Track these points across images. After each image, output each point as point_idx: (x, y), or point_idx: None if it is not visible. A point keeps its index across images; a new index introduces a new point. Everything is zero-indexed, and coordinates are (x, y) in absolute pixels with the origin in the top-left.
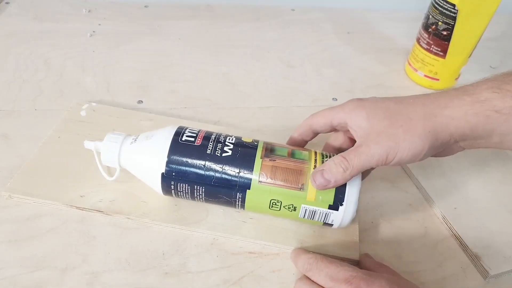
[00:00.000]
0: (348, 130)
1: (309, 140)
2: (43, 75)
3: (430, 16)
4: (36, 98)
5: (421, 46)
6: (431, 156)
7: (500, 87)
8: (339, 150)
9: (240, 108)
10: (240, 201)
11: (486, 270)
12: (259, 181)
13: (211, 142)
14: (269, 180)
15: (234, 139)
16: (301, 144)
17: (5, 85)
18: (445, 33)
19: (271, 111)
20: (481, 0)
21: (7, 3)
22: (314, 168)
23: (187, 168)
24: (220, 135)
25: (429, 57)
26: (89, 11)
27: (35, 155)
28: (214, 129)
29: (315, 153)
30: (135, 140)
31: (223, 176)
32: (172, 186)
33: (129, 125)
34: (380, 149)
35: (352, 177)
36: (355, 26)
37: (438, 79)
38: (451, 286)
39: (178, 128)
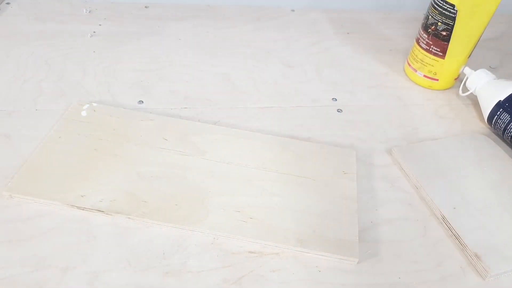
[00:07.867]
0: None
1: None
2: (43, 75)
3: (430, 17)
4: (36, 98)
5: (420, 46)
6: None
7: None
8: None
9: (240, 108)
10: None
11: (485, 270)
12: None
13: None
14: None
15: None
16: None
17: (6, 85)
18: (444, 33)
19: (271, 111)
20: (480, 0)
21: (7, 3)
22: None
23: None
24: None
25: (429, 58)
26: (89, 11)
27: (35, 155)
28: (214, 129)
29: None
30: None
31: None
32: (498, 114)
33: (130, 125)
34: None
35: None
36: (355, 26)
37: (437, 79)
38: (450, 286)
39: None
